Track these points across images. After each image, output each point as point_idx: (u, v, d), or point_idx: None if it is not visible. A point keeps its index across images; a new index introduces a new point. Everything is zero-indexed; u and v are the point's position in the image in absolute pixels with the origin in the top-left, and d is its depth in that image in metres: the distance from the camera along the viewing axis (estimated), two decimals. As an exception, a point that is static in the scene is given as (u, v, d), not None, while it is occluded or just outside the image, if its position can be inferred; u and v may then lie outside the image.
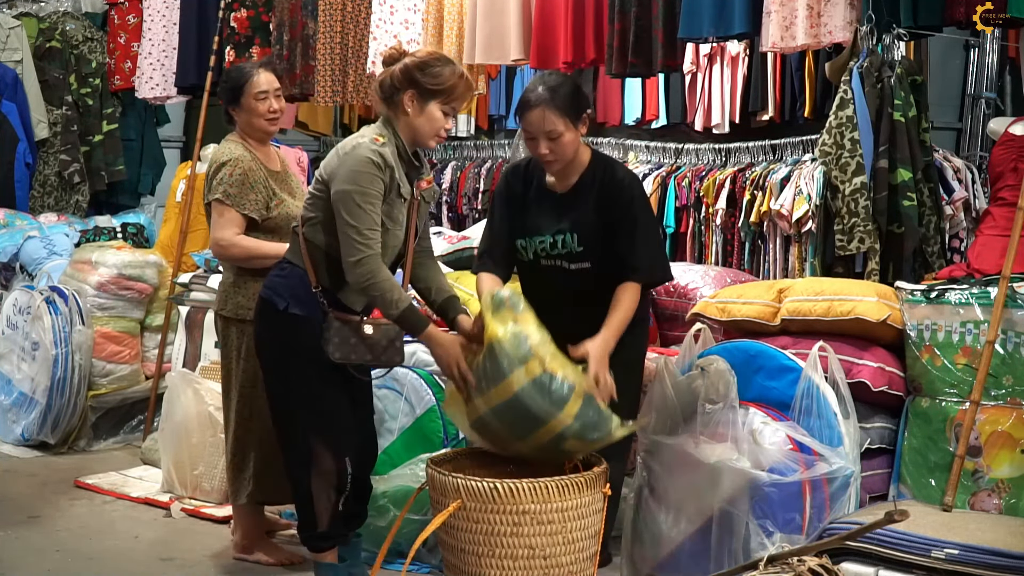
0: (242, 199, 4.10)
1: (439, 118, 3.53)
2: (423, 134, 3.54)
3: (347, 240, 3.42)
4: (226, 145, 4.26)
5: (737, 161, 5.82)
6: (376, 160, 3.43)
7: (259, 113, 4.27)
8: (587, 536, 3.32)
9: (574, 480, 3.27)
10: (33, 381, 5.81)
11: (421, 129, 3.53)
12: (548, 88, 3.62)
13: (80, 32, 7.48)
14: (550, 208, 3.76)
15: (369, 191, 3.42)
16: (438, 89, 3.51)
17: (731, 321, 4.15)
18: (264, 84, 4.26)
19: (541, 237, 3.74)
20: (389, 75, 3.54)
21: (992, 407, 3.73)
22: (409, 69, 3.50)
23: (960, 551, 3.11)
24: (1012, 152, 4.37)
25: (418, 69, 3.50)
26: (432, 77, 3.50)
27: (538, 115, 3.61)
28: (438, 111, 3.52)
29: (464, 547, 3.32)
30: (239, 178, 4.11)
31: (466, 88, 3.57)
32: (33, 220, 6.88)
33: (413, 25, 6.08)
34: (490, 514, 3.25)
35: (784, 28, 4.74)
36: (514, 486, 3.23)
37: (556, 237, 3.72)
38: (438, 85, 3.50)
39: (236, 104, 4.30)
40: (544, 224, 3.75)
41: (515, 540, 3.25)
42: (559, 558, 3.28)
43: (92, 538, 4.48)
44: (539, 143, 3.62)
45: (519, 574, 3.28)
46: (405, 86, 3.51)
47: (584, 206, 3.72)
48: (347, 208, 3.41)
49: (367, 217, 3.41)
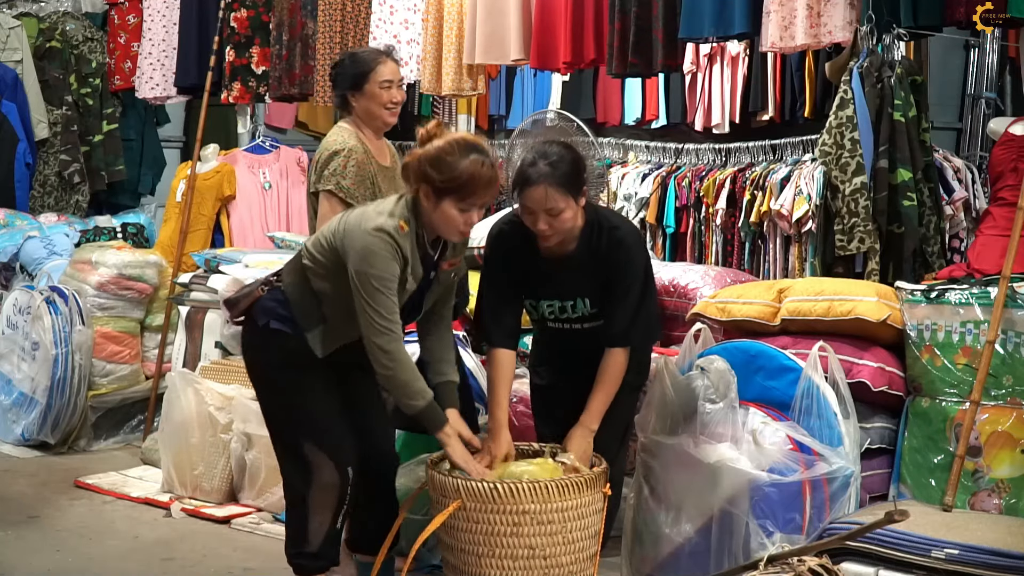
0: (355, 193, 3.98)
1: (455, 216, 3.24)
2: (443, 231, 3.30)
3: (368, 321, 3.22)
4: (339, 133, 4.09)
5: (737, 161, 5.82)
6: (393, 248, 3.21)
7: (381, 101, 4.12)
8: (587, 536, 3.32)
9: (574, 480, 3.27)
10: (33, 381, 5.80)
11: (438, 225, 3.28)
12: (549, 164, 3.40)
13: (80, 32, 7.48)
14: (552, 274, 3.58)
15: (385, 275, 3.20)
16: (449, 187, 3.21)
17: (731, 321, 4.15)
18: (389, 73, 4.12)
19: (549, 302, 3.60)
20: (410, 161, 3.27)
21: (992, 407, 3.73)
22: (422, 162, 3.23)
23: (960, 551, 3.11)
24: (1012, 152, 4.37)
25: (430, 163, 3.21)
26: (443, 172, 3.20)
27: (540, 193, 3.39)
28: (453, 209, 3.23)
29: (464, 547, 3.31)
30: (353, 170, 4.00)
31: (487, 183, 3.22)
32: (33, 220, 6.88)
33: (413, 25, 6.08)
34: (490, 514, 3.24)
35: (784, 28, 4.73)
36: (514, 486, 3.22)
37: (566, 303, 3.58)
38: (449, 182, 3.20)
39: (358, 90, 4.10)
40: (550, 290, 3.59)
41: (515, 540, 3.25)
42: (559, 558, 3.28)
43: (92, 538, 4.48)
44: (538, 218, 3.41)
45: (519, 574, 3.28)
46: (419, 179, 3.24)
47: (588, 272, 3.55)
48: (366, 290, 3.20)
49: (387, 300, 3.21)
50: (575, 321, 3.60)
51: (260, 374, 3.49)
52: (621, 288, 3.52)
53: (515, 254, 3.60)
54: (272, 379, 3.45)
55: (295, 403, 3.42)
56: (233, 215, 6.63)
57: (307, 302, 3.38)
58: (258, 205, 6.70)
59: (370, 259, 3.21)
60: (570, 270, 3.55)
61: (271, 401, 3.50)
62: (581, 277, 3.55)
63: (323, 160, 4.03)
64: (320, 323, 3.37)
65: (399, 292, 3.27)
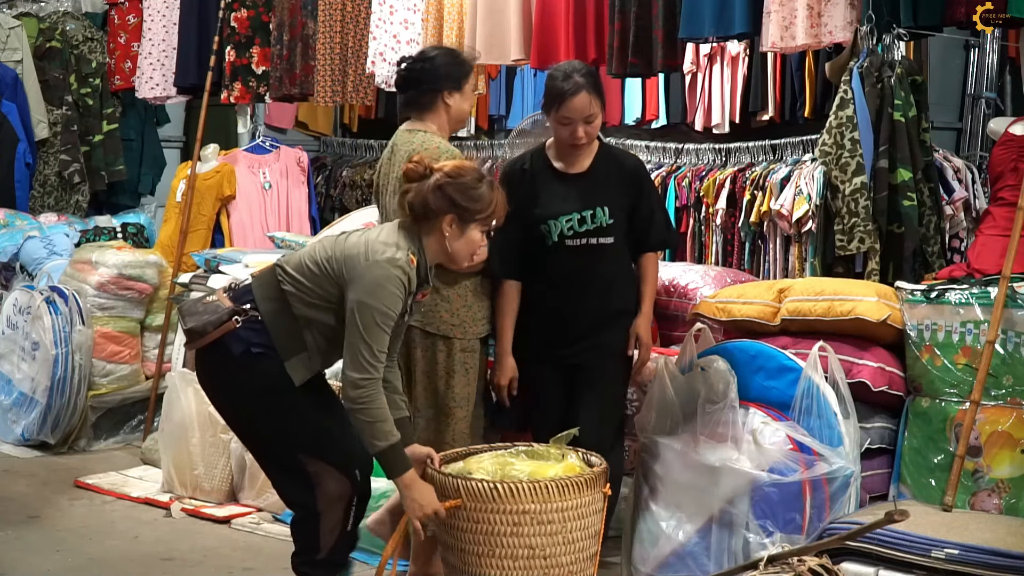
0: None
1: (478, 239, 3.33)
2: (460, 256, 3.34)
3: (355, 354, 3.16)
4: (431, 138, 3.92)
5: (737, 161, 5.81)
6: (404, 283, 3.20)
7: (471, 105, 4.14)
8: (587, 536, 3.32)
9: (574, 480, 3.26)
10: (33, 381, 5.81)
11: (459, 252, 3.32)
12: (584, 74, 3.81)
13: (80, 32, 7.48)
14: (571, 189, 3.90)
15: (389, 312, 3.17)
16: (482, 215, 3.30)
17: (731, 321, 4.15)
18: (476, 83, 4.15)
19: (568, 216, 3.86)
20: (422, 195, 3.27)
21: (992, 407, 3.73)
22: (448, 192, 3.25)
23: (960, 551, 3.11)
24: (1012, 152, 4.37)
25: (459, 192, 3.26)
26: (475, 201, 3.27)
27: (583, 100, 3.76)
28: (478, 233, 3.32)
29: (464, 547, 3.31)
30: None
31: (504, 203, 3.37)
32: (33, 220, 6.87)
33: (413, 25, 6.08)
34: (490, 514, 3.24)
35: (784, 28, 4.73)
36: (514, 486, 3.22)
37: (585, 213, 3.85)
38: (482, 210, 3.29)
39: (459, 89, 3.97)
40: (569, 204, 3.87)
41: (515, 540, 3.25)
42: (559, 558, 3.27)
43: (92, 538, 4.48)
44: (576, 127, 3.78)
45: (519, 574, 3.28)
46: (445, 210, 3.26)
47: (608, 184, 3.90)
48: (364, 323, 3.15)
49: (383, 337, 3.17)
50: (592, 234, 3.86)
51: (242, 402, 3.36)
52: (647, 205, 3.98)
53: (531, 183, 3.91)
54: (258, 405, 3.32)
55: (288, 423, 3.32)
56: (233, 215, 6.63)
57: (288, 328, 3.27)
58: (258, 205, 6.70)
59: (379, 293, 3.16)
60: (588, 182, 3.90)
61: (259, 426, 3.37)
62: (600, 188, 3.89)
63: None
64: (302, 350, 3.28)
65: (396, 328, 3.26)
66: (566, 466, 3.36)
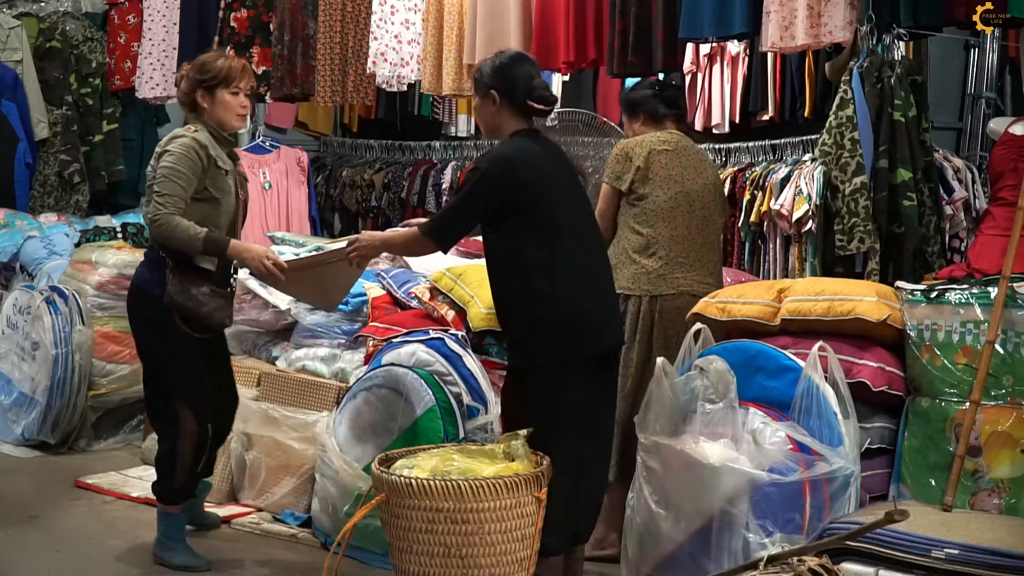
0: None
1: (230, 100, 4.14)
2: (224, 119, 4.14)
3: (150, 199, 4.02)
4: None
5: (737, 161, 5.81)
6: (190, 147, 4.00)
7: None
8: (510, 540, 3.28)
9: (491, 482, 3.24)
10: (33, 381, 5.81)
11: (220, 116, 4.14)
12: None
13: (80, 32, 7.48)
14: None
15: (178, 169, 4.00)
16: (216, 80, 4.11)
17: (731, 321, 4.14)
18: None
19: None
20: (180, 92, 4.20)
21: (992, 407, 3.73)
22: (191, 76, 4.15)
23: (960, 551, 3.11)
24: (1012, 152, 4.37)
25: (196, 71, 4.15)
26: (207, 72, 4.11)
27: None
28: (227, 95, 4.13)
29: (391, 541, 3.38)
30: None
31: (240, 66, 4.16)
32: (33, 220, 6.88)
33: (413, 25, 6.09)
34: (407, 509, 3.27)
35: (784, 28, 4.74)
36: (427, 483, 3.23)
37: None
38: (214, 76, 4.11)
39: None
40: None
41: (430, 537, 3.25)
42: (477, 559, 3.25)
43: (92, 538, 4.48)
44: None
45: (437, 571, 3.27)
46: (193, 89, 4.14)
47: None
48: (159, 176, 4.01)
49: (174, 187, 3.98)
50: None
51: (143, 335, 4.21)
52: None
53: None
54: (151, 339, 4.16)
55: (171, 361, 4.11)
56: (233, 215, 6.62)
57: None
58: (258, 205, 6.69)
59: (167, 157, 4.05)
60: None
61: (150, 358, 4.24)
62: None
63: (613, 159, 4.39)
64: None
65: (217, 175, 4.13)
66: (505, 467, 3.33)
